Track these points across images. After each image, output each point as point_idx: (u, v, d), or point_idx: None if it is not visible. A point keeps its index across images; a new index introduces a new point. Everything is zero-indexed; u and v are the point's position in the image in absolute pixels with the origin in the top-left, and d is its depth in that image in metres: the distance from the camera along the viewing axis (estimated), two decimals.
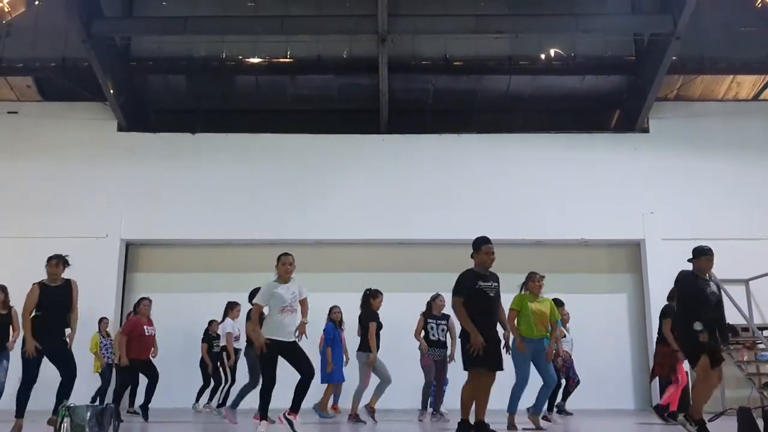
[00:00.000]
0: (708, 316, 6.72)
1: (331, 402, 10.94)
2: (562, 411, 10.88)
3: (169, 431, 7.64)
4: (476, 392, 6.53)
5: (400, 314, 10.79)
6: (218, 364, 11.85)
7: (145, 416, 9.87)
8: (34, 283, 7.37)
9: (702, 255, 7.02)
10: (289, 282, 7.29)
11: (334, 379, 10.23)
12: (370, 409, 9.24)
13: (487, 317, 6.57)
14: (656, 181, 14.27)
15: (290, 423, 6.76)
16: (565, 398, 10.94)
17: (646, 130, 14.69)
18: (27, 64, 14.62)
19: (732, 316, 12.29)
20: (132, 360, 9.81)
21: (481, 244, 6.89)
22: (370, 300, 9.55)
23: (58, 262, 7.43)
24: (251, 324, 7.72)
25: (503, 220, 13.85)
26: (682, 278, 7.01)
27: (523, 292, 8.35)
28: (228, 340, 11.14)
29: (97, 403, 11.31)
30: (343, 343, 10.56)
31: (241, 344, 10.99)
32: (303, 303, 7.37)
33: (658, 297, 13.09)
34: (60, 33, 14.38)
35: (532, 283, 8.34)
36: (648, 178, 14.29)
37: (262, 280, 12.04)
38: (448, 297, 10.90)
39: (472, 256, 6.93)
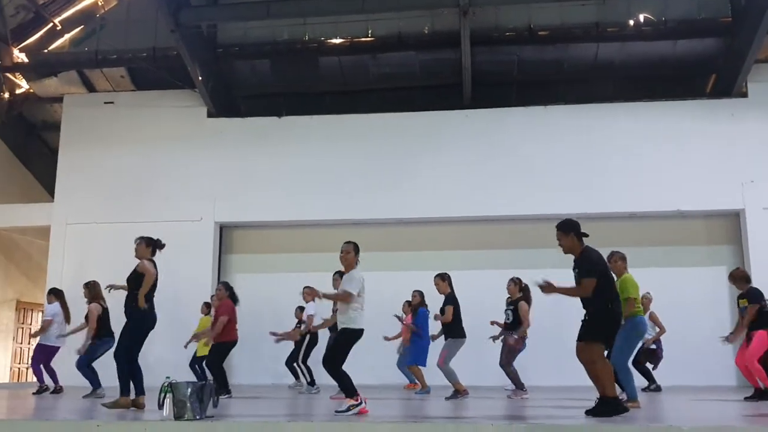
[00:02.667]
0: None
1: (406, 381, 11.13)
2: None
3: (268, 407, 7.87)
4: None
5: (486, 292, 10.70)
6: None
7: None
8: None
9: None
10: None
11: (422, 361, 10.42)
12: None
13: None
14: (756, 148, 13.60)
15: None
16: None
17: (744, 95, 14.00)
18: (120, 55, 15.24)
19: None
20: (231, 342, 10.15)
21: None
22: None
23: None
24: None
25: (595, 193, 13.57)
26: None
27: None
28: (309, 322, 11.36)
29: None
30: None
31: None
32: None
33: (760, 269, 12.60)
34: (150, 24, 14.90)
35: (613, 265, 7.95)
36: (747, 145, 13.63)
37: None
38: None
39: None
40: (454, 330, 9.50)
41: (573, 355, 6.17)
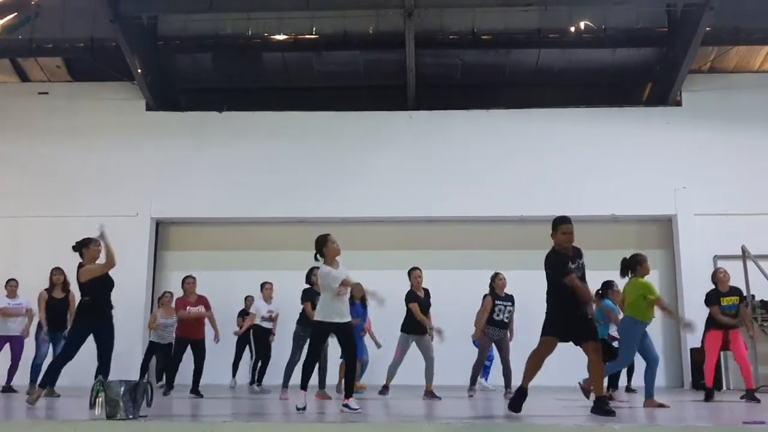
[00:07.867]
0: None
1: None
2: (629, 390, 10.89)
3: (205, 406, 7.74)
4: (539, 359, 6.45)
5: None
6: (249, 340, 12.03)
7: (198, 394, 9.87)
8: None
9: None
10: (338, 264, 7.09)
11: None
12: (429, 393, 9.22)
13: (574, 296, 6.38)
14: (689, 156, 14.04)
15: (348, 407, 6.55)
16: (630, 378, 10.92)
17: (678, 104, 14.43)
18: (56, 44, 14.72)
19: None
20: (179, 338, 10.03)
21: (558, 223, 6.69)
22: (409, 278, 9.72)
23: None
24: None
25: (532, 196, 13.77)
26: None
27: (636, 277, 8.16)
28: (250, 319, 11.41)
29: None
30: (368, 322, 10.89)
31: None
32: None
33: (689, 273, 13.03)
34: (88, 13, 14.44)
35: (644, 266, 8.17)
36: (680, 153, 14.06)
37: (291, 258, 12.13)
38: (477, 274, 10.88)
39: (551, 236, 6.74)
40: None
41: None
